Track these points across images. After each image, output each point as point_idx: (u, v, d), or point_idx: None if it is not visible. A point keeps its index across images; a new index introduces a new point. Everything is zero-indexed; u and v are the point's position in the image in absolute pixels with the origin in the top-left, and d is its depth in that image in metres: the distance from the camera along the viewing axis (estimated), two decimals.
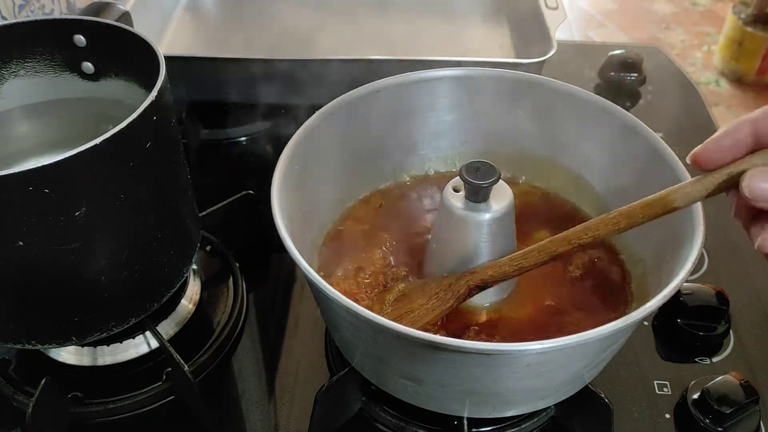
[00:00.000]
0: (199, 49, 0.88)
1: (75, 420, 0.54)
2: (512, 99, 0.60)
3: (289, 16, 0.93)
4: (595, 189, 0.59)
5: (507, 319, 0.52)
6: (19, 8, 0.74)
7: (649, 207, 0.42)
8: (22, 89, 0.56)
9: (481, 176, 0.48)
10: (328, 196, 0.59)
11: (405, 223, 0.60)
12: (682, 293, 0.60)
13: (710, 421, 0.52)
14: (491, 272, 0.49)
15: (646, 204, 0.42)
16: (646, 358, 0.58)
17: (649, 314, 0.41)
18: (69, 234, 0.45)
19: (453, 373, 0.43)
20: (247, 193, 0.67)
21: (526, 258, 0.47)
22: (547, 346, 0.39)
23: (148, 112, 0.45)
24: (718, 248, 0.67)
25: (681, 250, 0.46)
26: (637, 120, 0.55)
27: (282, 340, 0.60)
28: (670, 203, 0.40)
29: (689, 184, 0.39)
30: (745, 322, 0.61)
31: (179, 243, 0.54)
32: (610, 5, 2.71)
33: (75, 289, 0.48)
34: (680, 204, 0.40)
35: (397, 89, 0.59)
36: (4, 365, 0.57)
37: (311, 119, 0.55)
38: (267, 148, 0.82)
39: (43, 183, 0.41)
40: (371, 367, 0.50)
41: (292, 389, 0.57)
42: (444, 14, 0.94)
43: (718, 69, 2.34)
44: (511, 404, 0.48)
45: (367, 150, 0.60)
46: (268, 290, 0.66)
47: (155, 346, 0.57)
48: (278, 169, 0.50)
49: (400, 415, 0.53)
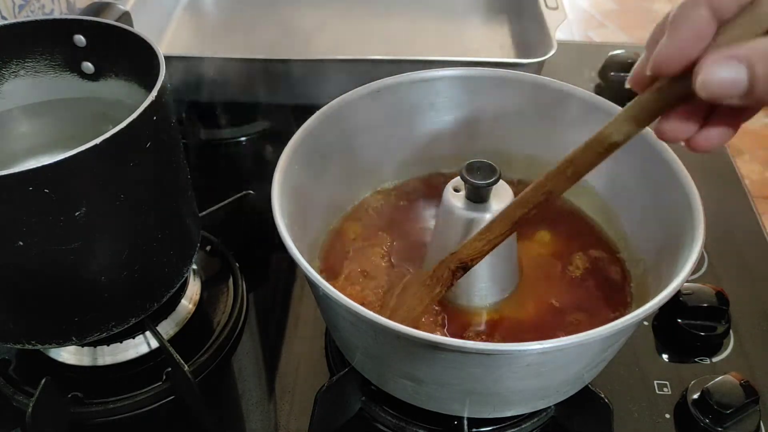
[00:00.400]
0: (199, 49, 0.88)
1: (75, 420, 0.54)
2: (512, 99, 0.60)
3: (289, 16, 0.93)
4: (595, 189, 0.59)
5: (507, 319, 0.52)
6: (19, 8, 0.74)
7: (589, 147, 0.39)
8: (22, 89, 0.56)
9: (482, 176, 0.49)
10: (329, 196, 0.59)
11: (405, 223, 0.60)
12: (682, 293, 0.60)
13: (710, 421, 0.52)
14: (466, 252, 0.48)
15: (585, 145, 0.39)
16: (646, 358, 0.58)
17: (649, 314, 0.41)
18: (69, 234, 0.45)
19: (453, 373, 0.43)
20: (247, 193, 0.67)
21: (490, 230, 0.46)
22: (548, 346, 0.39)
23: (148, 112, 0.45)
24: (718, 248, 0.67)
25: (681, 251, 0.46)
26: None
27: (282, 340, 0.60)
28: (607, 138, 0.37)
29: (621, 112, 0.36)
30: (745, 322, 0.61)
31: (179, 243, 0.54)
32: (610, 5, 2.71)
33: (75, 289, 0.48)
34: (618, 138, 0.37)
35: (397, 89, 0.59)
36: (4, 365, 0.57)
37: (311, 119, 0.55)
38: (267, 148, 0.82)
39: (43, 183, 0.41)
40: (371, 367, 0.50)
41: (292, 389, 0.57)
42: (444, 14, 0.94)
43: None
44: (511, 404, 0.48)
45: (368, 150, 0.60)
46: (268, 290, 0.66)
47: (155, 346, 0.57)
48: (278, 169, 0.50)
49: (400, 415, 0.53)
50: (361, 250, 0.57)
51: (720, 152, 0.80)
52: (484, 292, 0.52)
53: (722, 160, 0.79)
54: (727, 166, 0.78)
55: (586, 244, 0.57)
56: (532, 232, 0.59)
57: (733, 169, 0.78)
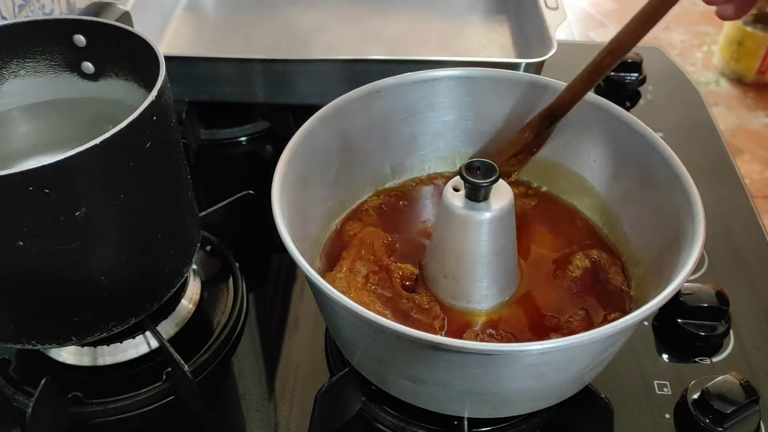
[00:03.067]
0: (199, 49, 0.88)
1: (75, 420, 0.54)
2: (512, 99, 0.60)
3: (288, 16, 0.93)
4: (595, 189, 0.59)
5: (507, 319, 0.52)
6: (19, 8, 0.74)
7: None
8: (22, 89, 0.56)
9: (481, 175, 0.49)
10: (329, 196, 0.59)
11: (406, 223, 0.60)
12: (682, 293, 0.60)
13: (710, 421, 0.52)
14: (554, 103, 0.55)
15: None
16: (646, 358, 0.58)
17: (649, 314, 0.41)
18: (69, 234, 0.45)
19: (453, 373, 0.43)
20: (247, 193, 0.67)
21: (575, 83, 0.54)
22: (548, 347, 0.39)
23: (148, 112, 0.45)
24: (718, 248, 0.67)
25: (681, 251, 0.46)
26: (637, 120, 0.55)
27: (282, 340, 0.60)
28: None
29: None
30: (745, 322, 0.61)
31: (179, 243, 0.54)
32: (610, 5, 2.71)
33: (75, 289, 0.48)
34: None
35: (397, 89, 0.59)
36: (4, 365, 0.57)
37: (311, 119, 0.55)
38: (267, 148, 0.82)
39: (43, 183, 0.41)
40: (371, 367, 0.50)
41: (292, 389, 0.57)
42: (444, 14, 0.94)
43: (718, 69, 2.34)
44: (512, 404, 0.48)
45: (368, 150, 0.60)
46: (268, 290, 0.66)
47: (155, 346, 0.57)
48: (278, 169, 0.50)
49: (400, 415, 0.53)
50: (361, 250, 0.57)
51: (720, 152, 0.80)
52: (484, 292, 0.52)
53: (722, 160, 0.79)
54: (727, 166, 0.78)
55: (586, 244, 0.57)
56: (533, 232, 0.59)
57: (733, 169, 0.77)
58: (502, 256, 0.52)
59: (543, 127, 0.57)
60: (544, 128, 0.57)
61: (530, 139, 0.57)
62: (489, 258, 0.51)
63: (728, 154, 0.79)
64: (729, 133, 2.03)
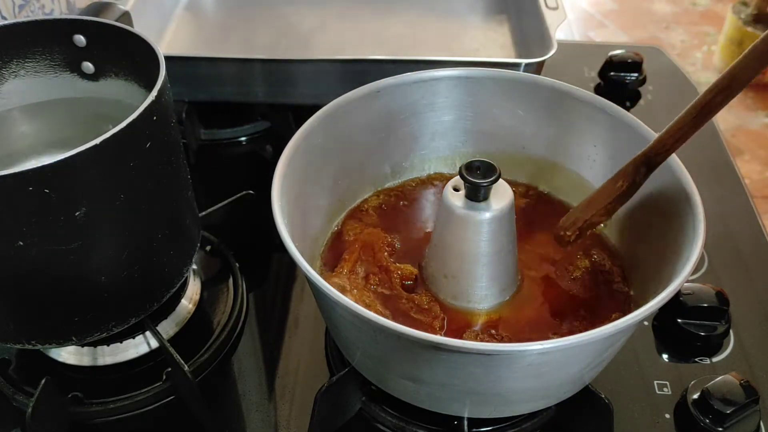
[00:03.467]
0: (199, 49, 0.88)
1: (75, 420, 0.54)
2: (512, 99, 0.60)
3: (289, 16, 0.93)
4: (595, 189, 0.59)
5: (507, 319, 0.52)
6: (19, 8, 0.74)
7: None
8: (22, 89, 0.56)
9: (481, 175, 0.49)
10: (329, 196, 0.59)
11: (405, 223, 0.60)
12: (682, 293, 0.60)
13: (710, 421, 0.52)
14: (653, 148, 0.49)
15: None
16: (646, 358, 0.58)
17: (649, 314, 0.41)
18: (69, 234, 0.45)
19: (453, 373, 0.43)
20: (247, 193, 0.67)
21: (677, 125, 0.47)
22: (548, 347, 0.39)
23: (148, 112, 0.45)
24: (718, 248, 0.67)
25: (681, 251, 0.46)
26: (637, 120, 0.55)
27: (282, 340, 0.60)
28: None
29: None
30: (745, 322, 0.61)
31: (179, 243, 0.54)
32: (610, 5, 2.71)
33: (75, 289, 0.48)
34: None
35: (397, 89, 0.59)
36: (4, 365, 0.57)
37: (311, 119, 0.55)
38: (267, 148, 0.82)
39: (43, 183, 0.41)
40: (371, 367, 0.50)
41: (292, 389, 0.57)
42: (444, 14, 0.94)
43: (718, 69, 2.34)
44: (512, 404, 0.48)
45: (368, 150, 0.60)
46: (268, 290, 0.66)
47: (155, 346, 0.57)
48: (278, 169, 0.50)
49: (400, 415, 0.53)
50: (361, 250, 0.57)
51: (720, 152, 0.80)
52: (484, 292, 0.52)
53: (722, 160, 0.79)
54: (727, 166, 0.78)
55: (586, 244, 0.57)
56: (532, 232, 0.59)
57: (733, 169, 0.77)
58: (502, 256, 0.52)
59: (639, 176, 0.50)
60: (639, 177, 0.50)
61: (623, 189, 0.51)
62: (489, 258, 0.51)
63: (728, 154, 0.79)
64: (729, 133, 2.03)
